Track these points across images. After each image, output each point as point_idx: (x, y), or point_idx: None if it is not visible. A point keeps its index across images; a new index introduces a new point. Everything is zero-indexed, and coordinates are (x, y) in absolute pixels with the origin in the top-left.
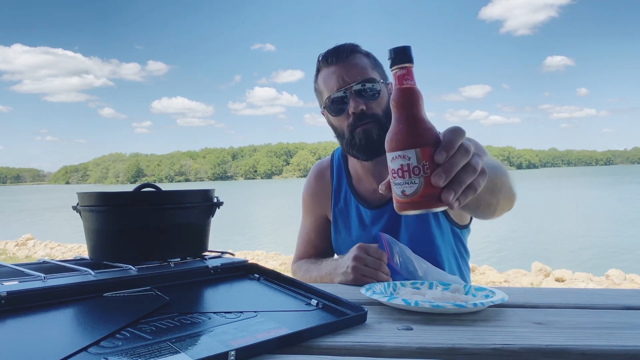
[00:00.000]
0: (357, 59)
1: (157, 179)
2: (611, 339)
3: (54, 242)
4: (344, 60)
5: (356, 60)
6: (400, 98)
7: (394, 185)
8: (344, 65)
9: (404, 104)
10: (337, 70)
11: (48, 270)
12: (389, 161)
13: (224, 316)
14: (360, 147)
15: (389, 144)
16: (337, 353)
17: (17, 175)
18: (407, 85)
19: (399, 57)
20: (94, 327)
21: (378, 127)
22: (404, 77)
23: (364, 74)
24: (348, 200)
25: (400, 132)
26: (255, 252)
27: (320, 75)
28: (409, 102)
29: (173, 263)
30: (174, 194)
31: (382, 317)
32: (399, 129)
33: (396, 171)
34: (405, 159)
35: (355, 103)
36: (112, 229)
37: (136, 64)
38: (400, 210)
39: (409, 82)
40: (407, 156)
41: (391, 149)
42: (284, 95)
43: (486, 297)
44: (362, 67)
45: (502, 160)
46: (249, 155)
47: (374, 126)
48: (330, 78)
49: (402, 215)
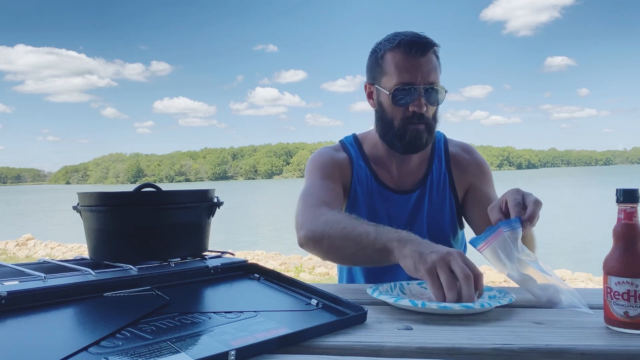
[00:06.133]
0: (434, 60)
1: (157, 179)
2: (611, 339)
3: (54, 242)
4: (425, 57)
5: (433, 61)
6: (628, 232)
7: (616, 305)
8: (424, 62)
9: (631, 238)
10: (416, 64)
11: (48, 270)
12: (613, 284)
13: (224, 316)
14: (408, 143)
15: (616, 269)
16: (337, 353)
17: (18, 175)
18: (634, 222)
19: (631, 197)
20: (94, 327)
21: (428, 131)
22: (633, 215)
23: (437, 78)
24: (369, 180)
25: (629, 262)
26: (255, 252)
27: (394, 57)
28: (634, 237)
29: (173, 263)
30: (174, 194)
31: (382, 317)
32: (627, 258)
33: (621, 294)
34: (633, 285)
35: (421, 103)
36: (112, 229)
37: (140, 64)
38: (618, 326)
39: (635, 220)
40: (635, 283)
41: (618, 273)
42: (286, 95)
43: (493, 297)
44: (436, 69)
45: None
46: (249, 155)
47: (426, 129)
48: (408, 69)
49: (424, 205)
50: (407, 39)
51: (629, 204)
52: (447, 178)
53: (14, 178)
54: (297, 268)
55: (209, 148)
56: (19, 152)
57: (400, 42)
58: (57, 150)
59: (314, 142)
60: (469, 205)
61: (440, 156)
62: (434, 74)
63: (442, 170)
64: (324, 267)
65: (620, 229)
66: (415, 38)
